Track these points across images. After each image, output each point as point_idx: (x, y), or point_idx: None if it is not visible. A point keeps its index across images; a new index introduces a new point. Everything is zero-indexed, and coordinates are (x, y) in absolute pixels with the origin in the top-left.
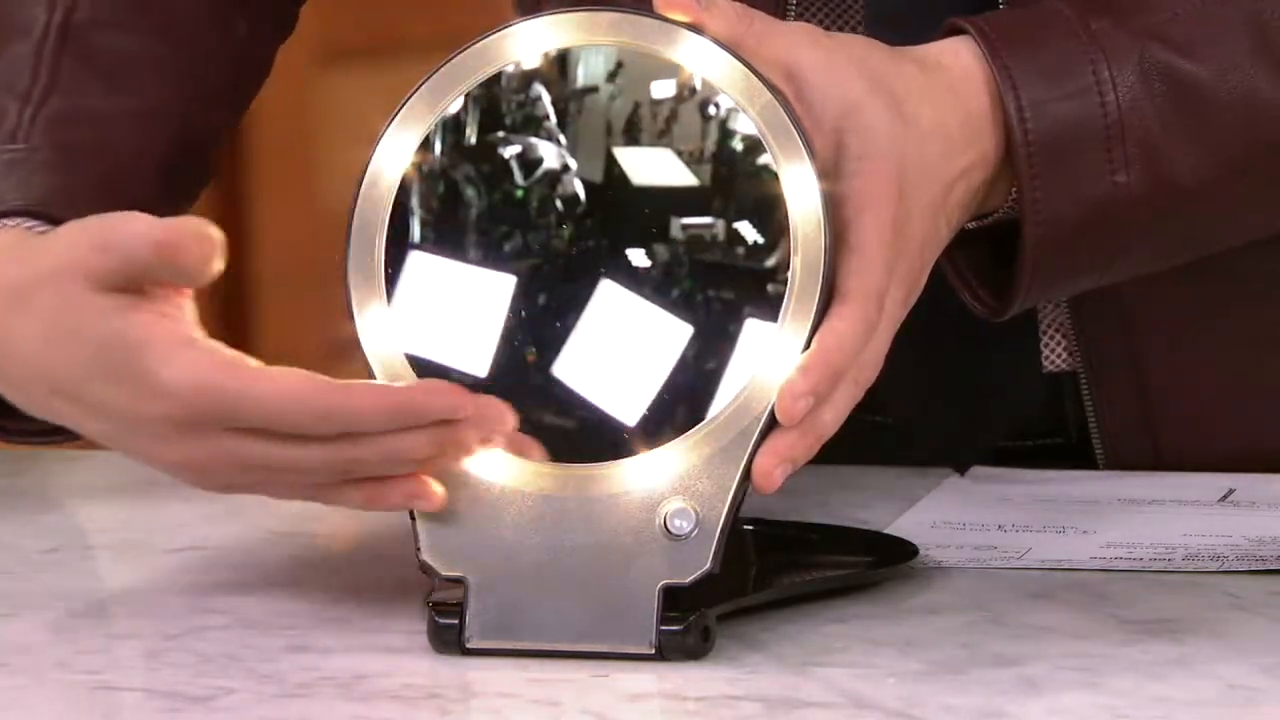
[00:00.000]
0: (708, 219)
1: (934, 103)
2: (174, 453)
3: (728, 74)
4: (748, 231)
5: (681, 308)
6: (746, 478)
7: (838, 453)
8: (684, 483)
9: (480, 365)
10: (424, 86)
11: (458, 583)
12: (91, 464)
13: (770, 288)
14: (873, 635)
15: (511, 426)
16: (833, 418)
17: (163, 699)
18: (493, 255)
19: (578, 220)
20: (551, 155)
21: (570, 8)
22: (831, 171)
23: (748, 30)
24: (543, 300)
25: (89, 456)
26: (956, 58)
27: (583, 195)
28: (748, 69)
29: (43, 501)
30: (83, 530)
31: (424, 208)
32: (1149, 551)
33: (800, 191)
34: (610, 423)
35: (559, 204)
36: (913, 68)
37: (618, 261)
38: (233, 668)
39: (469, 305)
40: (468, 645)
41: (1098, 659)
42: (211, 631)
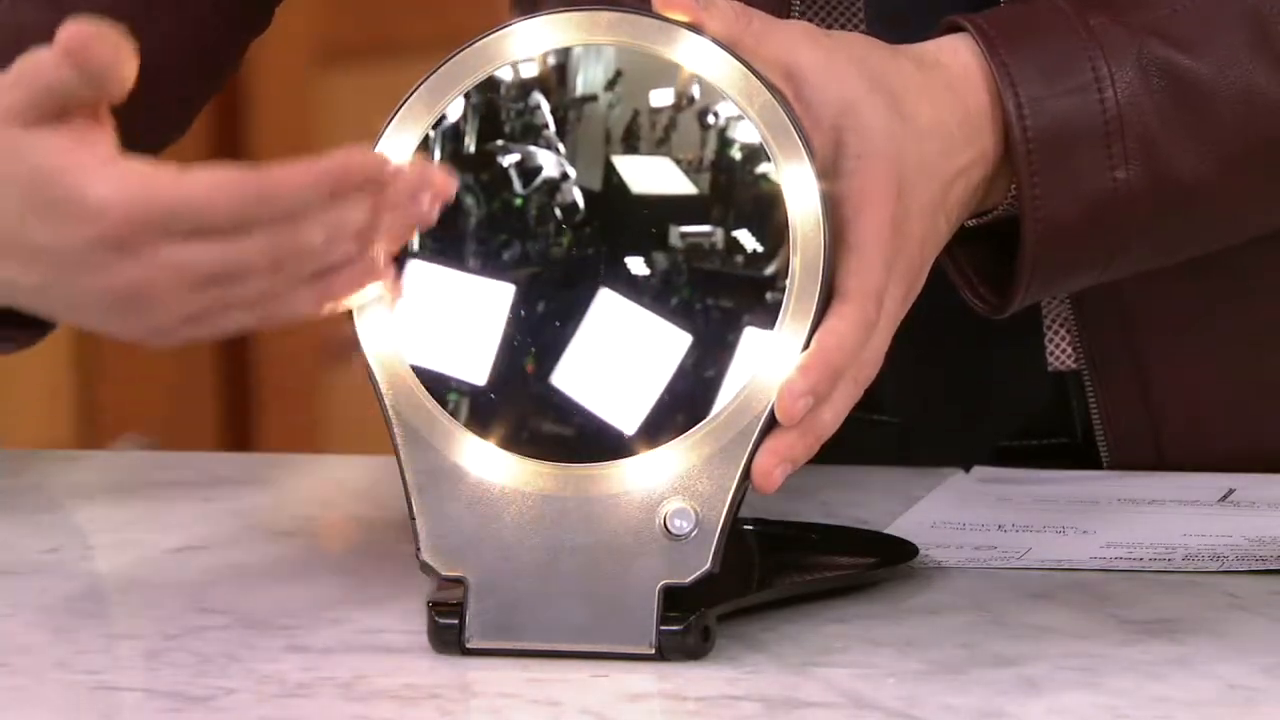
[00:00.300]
0: (706, 227)
1: (933, 100)
2: (118, 281)
3: (726, 73)
4: (746, 240)
5: (680, 316)
6: (746, 478)
7: (838, 453)
8: (684, 483)
9: (479, 374)
10: (423, 86)
11: (458, 583)
12: (91, 464)
13: (769, 296)
14: (873, 635)
15: (448, 192)
16: (832, 417)
17: (163, 699)
18: (492, 264)
19: (576, 228)
20: (550, 164)
21: (569, 7)
22: (830, 170)
23: (746, 29)
24: (541, 309)
25: (89, 457)
26: (955, 55)
27: (581, 204)
28: (746, 68)
29: (43, 501)
30: (83, 530)
31: None
32: (1149, 551)
33: (799, 191)
34: (609, 428)
35: (558, 212)
36: (911, 66)
37: (616, 270)
38: (233, 668)
39: (468, 314)
40: (468, 645)
41: (1098, 659)
42: (211, 631)
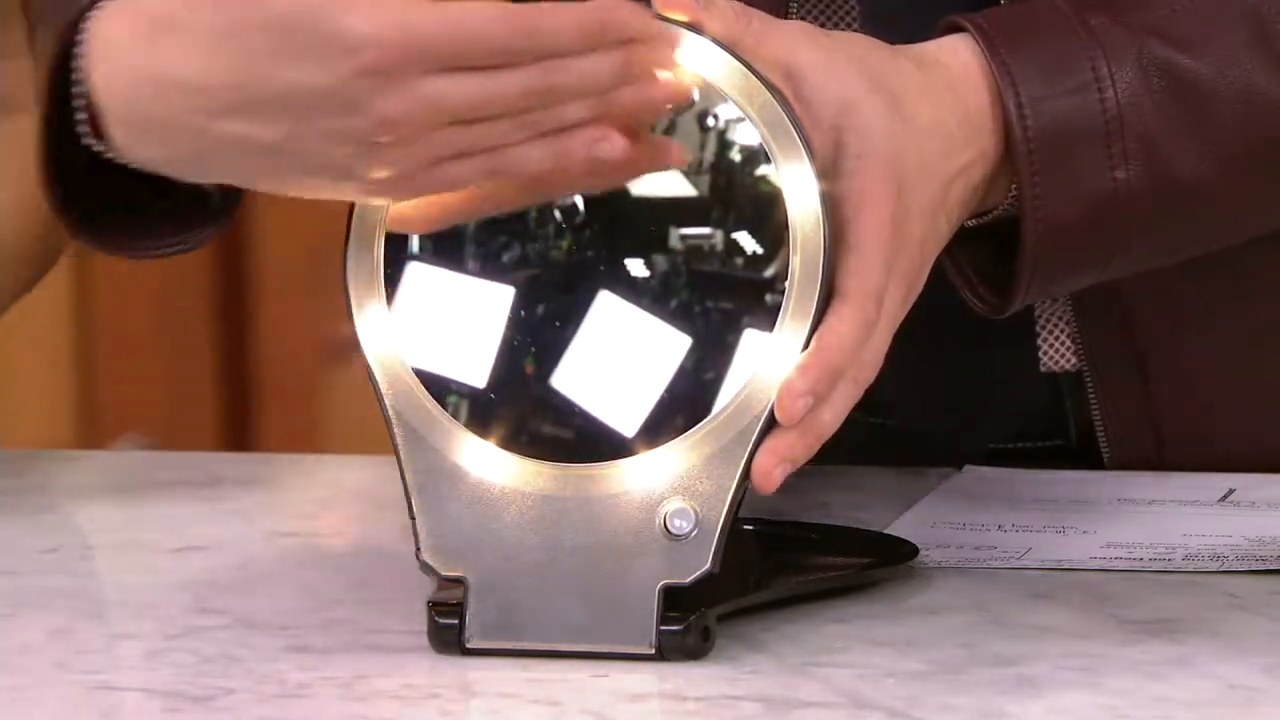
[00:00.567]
0: (706, 229)
1: (932, 100)
2: (370, 118)
3: (726, 73)
4: (746, 242)
5: (680, 318)
6: (746, 478)
7: (838, 453)
8: (684, 483)
9: (479, 376)
10: None
11: (458, 583)
12: (91, 464)
13: (769, 298)
14: (873, 635)
15: (686, 95)
16: (832, 417)
17: (163, 699)
18: (491, 266)
19: (576, 231)
20: None
21: None
22: (830, 170)
23: (746, 29)
24: (541, 311)
25: (89, 457)
26: (955, 55)
27: (581, 206)
28: (746, 68)
29: (43, 501)
30: (83, 530)
31: None
32: (1149, 551)
33: (799, 191)
34: (609, 429)
35: (557, 214)
36: (911, 66)
37: (616, 272)
38: (233, 668)
39: (468, 316)
40: (468, 645)
41: (1098, 659)
42: (211, 631)
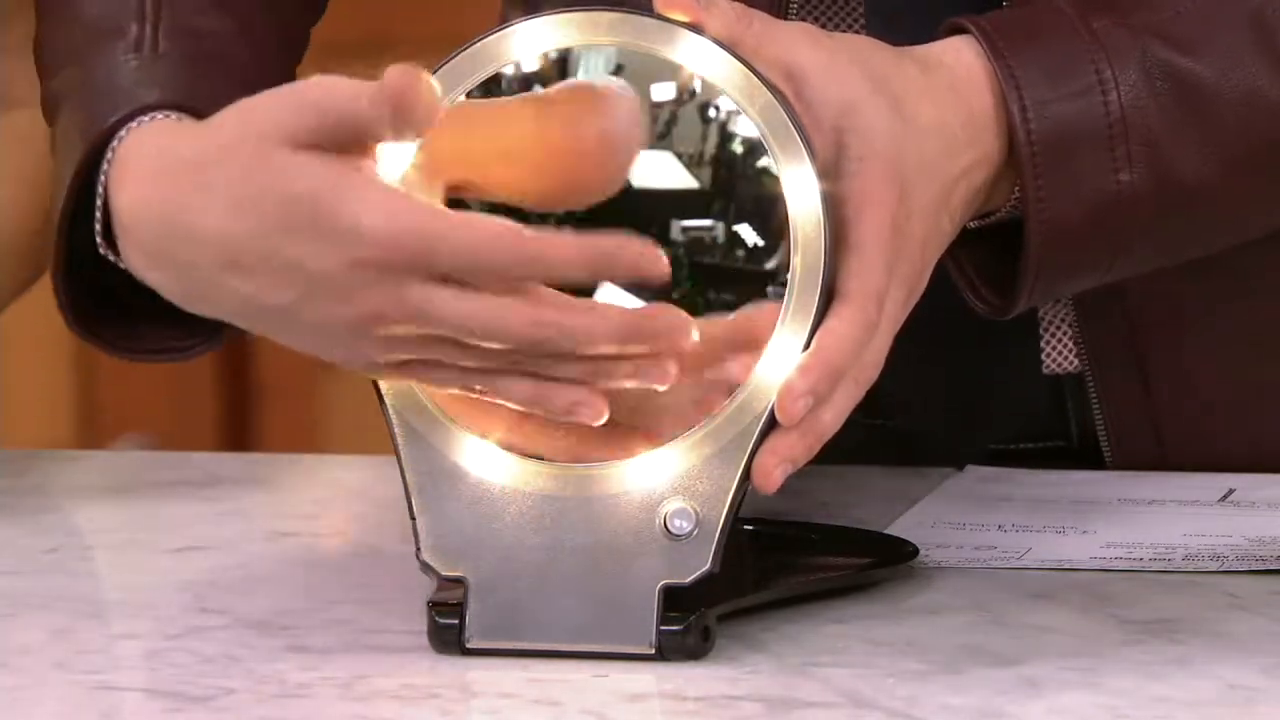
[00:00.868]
0: (708, 221)
1: (935, 102)
2: (356, 308)
3: (727, 74)
4: (748, 234)
5: (681, 310)
6: (746, 478)
7: (838, 453)
8: (684, 483)
9: None
10: None
11: (458, 583)
12: (91, 464)
13: (770, 290)
14: (873, 635)
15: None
16: (832, 418)
17: (163, 699)
18: None
19: (577, 223)
20: None
21: (570, 8)
22: (832, 171)
23: (747, 30)
24: None
25: (89, 457)
26: (958, 57)
27: None
28: (747, 69)
29: (43, 501)
30: (83, 530)
31: None
32: (1149, 551)
33: (800, 191)
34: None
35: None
36: (914, 67)
37: None
38: (233, 668)
39: None
40: (468, 645)
41: (1098, 659)
42: (211, 631)
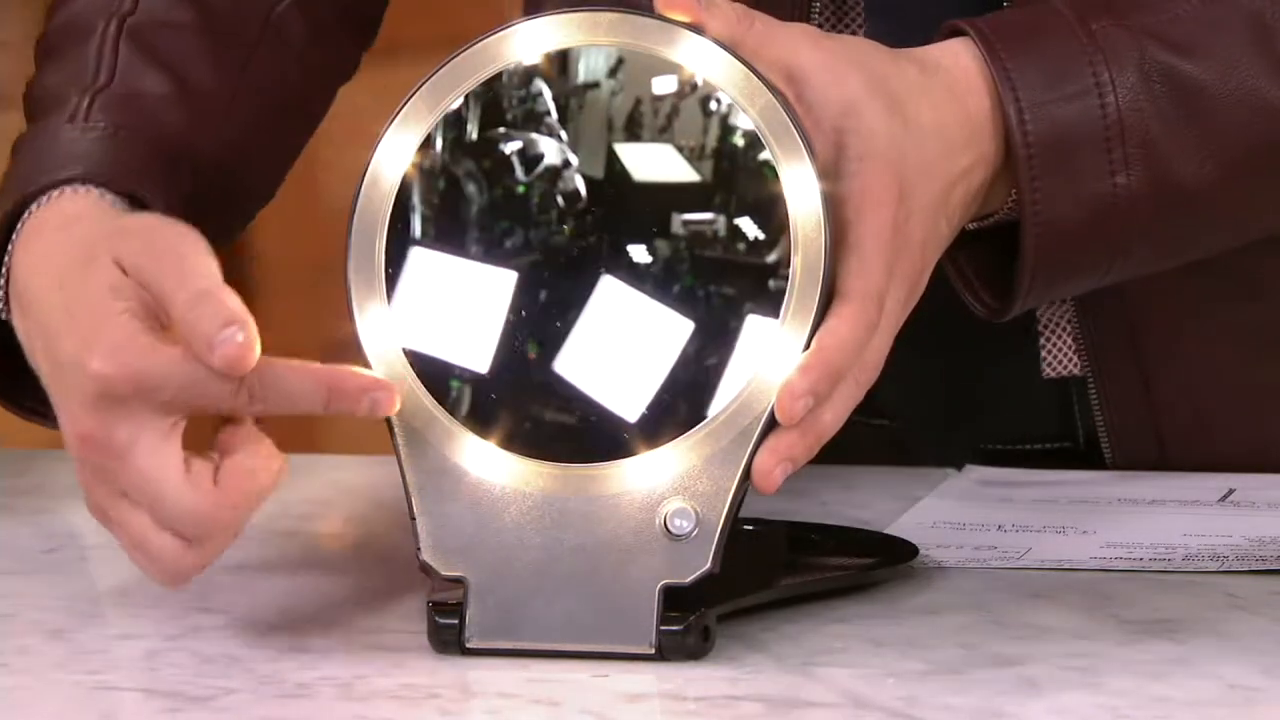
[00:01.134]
0: (709, 215)
1: (934, 103)
2: (84, 425)
3: (728, 74)
4: (748, 227)
5: (682, 303)
6: (746, 478)
7: (838, 453)
8: (684, 483)
9: (481, 361)
10: (424, 86)
11: (458, 583)
12: None
13: (771, 283)
14: (873, 635)
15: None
16: (832, 418)
17: (163, 699)
18: (494, 251)
19: (579, 216)
20: (553, 151)
21: (571, 8)
22: (831, 172)
23: (748, 31)
24: (544, 296)
25: None
26: (956, 59)
27: (584, 191)
28: (748, 69)
29: (43, 501)
30: (83, 530)
31: (425, 204)
32: (1149, 551)
33: (800, 192)
34: (611, 421)
35: (560, 200)
36: (913, 69)
37: (619, 257)
38: (233, 668)
39: (470, 301)
40: (468, 645)
41: (1098, 659)
42: (211, 631)
